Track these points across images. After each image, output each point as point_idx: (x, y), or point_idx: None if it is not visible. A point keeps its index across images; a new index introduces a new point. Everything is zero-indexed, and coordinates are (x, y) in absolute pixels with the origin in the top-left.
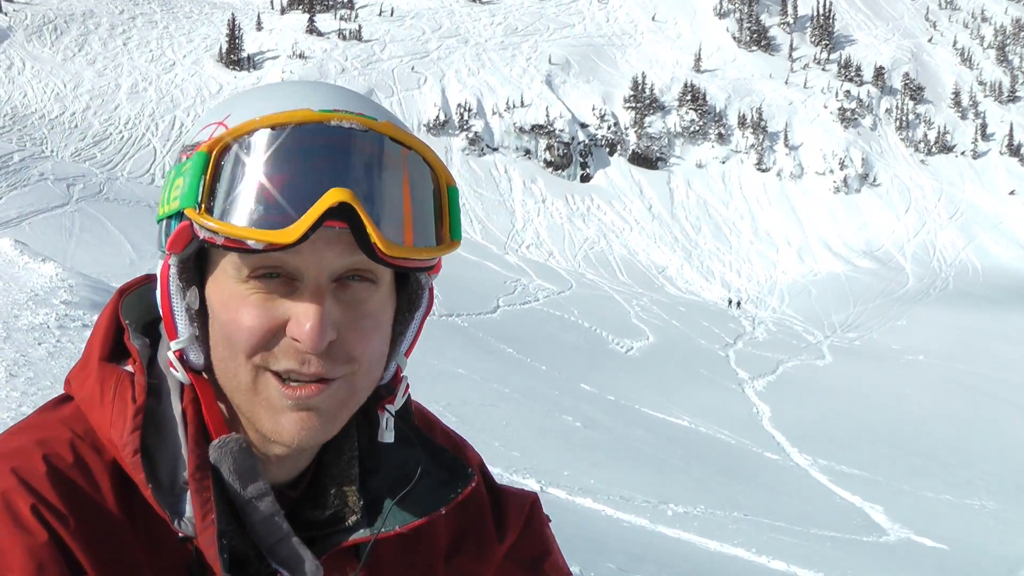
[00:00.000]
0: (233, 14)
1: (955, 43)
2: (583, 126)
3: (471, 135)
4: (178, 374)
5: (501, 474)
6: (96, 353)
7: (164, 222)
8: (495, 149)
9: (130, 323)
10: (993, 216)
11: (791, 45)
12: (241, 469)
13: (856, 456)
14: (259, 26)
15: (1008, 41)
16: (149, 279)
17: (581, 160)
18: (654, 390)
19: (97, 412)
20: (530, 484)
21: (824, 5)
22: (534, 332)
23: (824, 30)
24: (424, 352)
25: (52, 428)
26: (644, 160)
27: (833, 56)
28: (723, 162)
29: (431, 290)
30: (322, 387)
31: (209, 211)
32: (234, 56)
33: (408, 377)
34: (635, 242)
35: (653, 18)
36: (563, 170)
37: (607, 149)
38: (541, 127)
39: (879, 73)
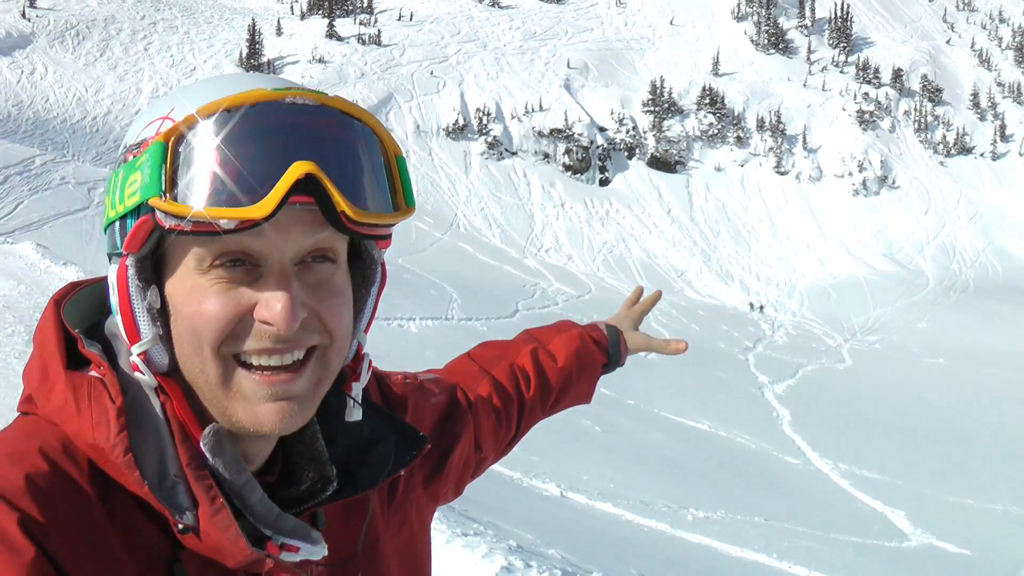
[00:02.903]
0: (253, 19)
1: (973, 44)
2: (602, 130)
3: (490, 139)
4: (144, 377)
5: (520, 478)
6: (55, 365)
7: (117, 224)
8: (514, 153)
9: (78, 332)
10: (1013, 217)
11: (809, 48)
12: (232, 457)
13: (877, 460)
14: (279, 31)
15: None
16: (78, 286)
17: (600, 164)
18: (673, 394)
19: (75, 421)
20: (549, 489)
21: (842, 7)
22: None
23: (842, 32)
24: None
25: (21, 442)
26: (663, 164)
27: (851, 58)
28: (742, 165)
29: (383, 265)
30: (296, 374)
31: (174, 198)
32: (254, 61)
33: (369, 354)
34: (654, 246)
35: (671, 22)
36: (582, 174)
37: (626, 153)
38: (560, 131)
39: (897, 75)
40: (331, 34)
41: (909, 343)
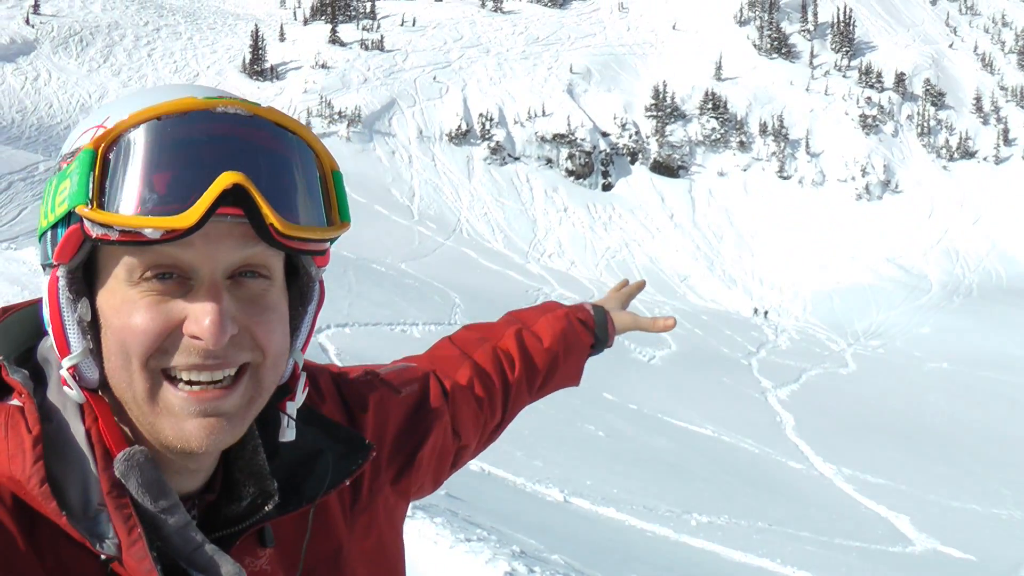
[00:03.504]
0: (256, 25)
1: (976, 48)
2: (604, 135)
3: (493, 144)
4: (72, 392)
5: (524, 484)
6: None
7: (48, 234)
8: (517, 158)
9: (4, 357)
10: (1016, 221)
11: (812, 52)
12: (148, 482)
13: (881, 465)
14: (282, 37)
15: None
16: (7, 311)
17: (603, 169)
18: (677, 399)
19: None
20: (553, 494)
21: (844, 12)
22: None
23: (845, 37)
24: None
25: None
26: (666, 169)
27: (854, 63)
28: (744, 170)
29: (321, 283)
30: (227, 391)
31: (101, 206)
32: (257, 67)
33: (305, 373)
34: (657, 251)
35: (674, 27)
36: (585, 179)
37: (628, 158)
38: (562, 136)
39: (900, 79)
40: (334, 39)
41: (912, 348)
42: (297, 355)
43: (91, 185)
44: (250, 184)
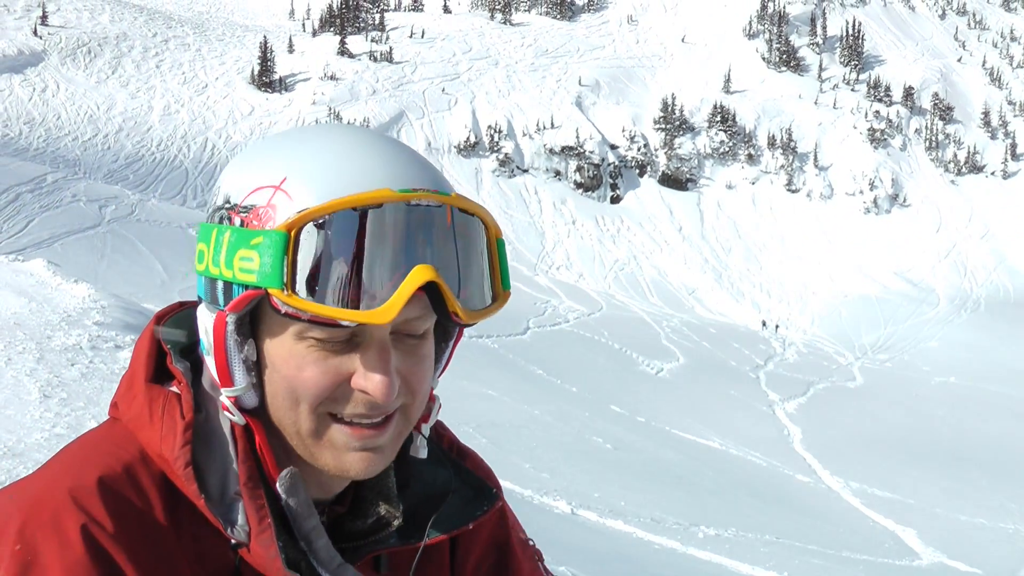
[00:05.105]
0: (265, 37)
1: (984, 63)
2: (613, 147)
3: (501, 156)
4: (235, 417)
5: (531, 496)
6: (140, 376)
7: (221, 283)
8: (525, 170)
9: (171, 347)
10: None
11: (820, 65)
12: (305, 502)
13: (888, 478)
14: (291, 48)
15: None
16: (184, 305)
17: (611, 181)
18: (684, 412)
19: (146, 430)
20: (560, 506)
21: (853, 25)
22: (564, 354)
23: (853, 50)
24: (454, 374)
25: (102, 445)
26: (674, 181)
27: (862, 76)
28: (753, 183)
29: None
30: (383, 429)
31: (294, 291)
32: (266, 78)
33: (439, 397)
34: (665, 263)
35: (683, 39)
36: (593, 191)
37: (637, 170)
38: (571, 148)
39: (908, 93)
40: (343, 51)
41: (920, 361)
42: (433, 382)
43: (285, 270)
44: (441, 280)
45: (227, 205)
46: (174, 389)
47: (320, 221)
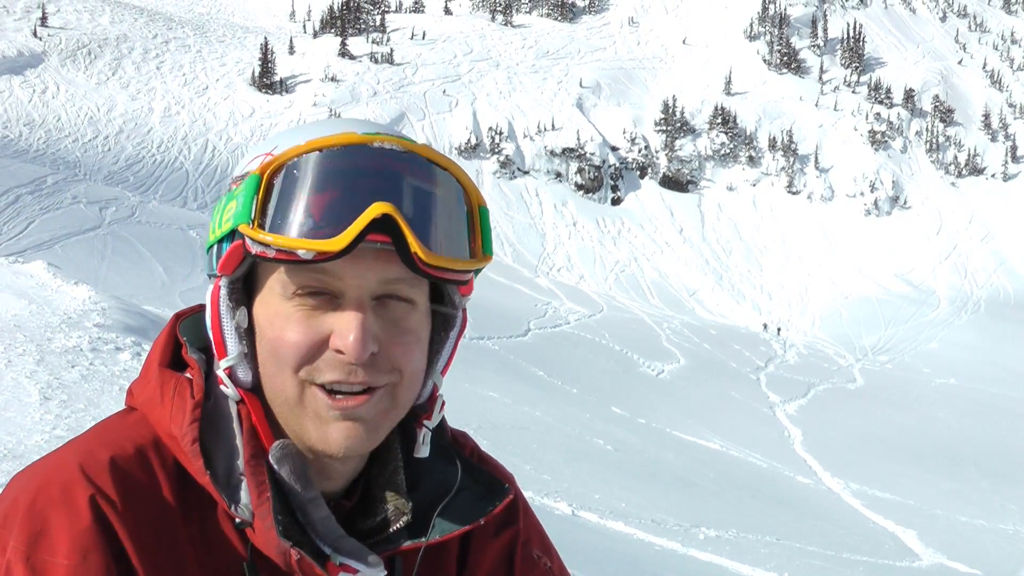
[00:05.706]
0: (266, 38)
1: (985, 65)
2: (614, 149)
3: (502, 158)
4: (229, 390)
5: (532, 497)
6: (155, 362)
7: (214, 247)
8: (526, 172)
9: (187, 339)
10: None
11: (821, 67)
12: (299, 472)
13: (888, 480)
14: (291, 50)
15: None
16: (204, 308)
17: (612, 183)
18: (685, 413)
19: (158, 410)
20: (561, 508)
21: (854, 27)
22: (565, 355)
23: (854, 52)
24: (456, 375)
25: (117, 430)
26: (675, 183)
27: (863, 78)
28: (754, 185)
29: (464, 311)
30: (366, 398)
31: (262, 226)
32: (267, 80)
33: (444, 395)
34: (666, 265)
35: (684, 41)
36: (594, 193)
37: (638, 172)
38: (572, 150)
39: (909, 95)
40: (344, 53)
41: (920, 363)
42: (437, 377)
43: (254, 207)
44: (398, 215)
45: (229, 181)
46: (187, 376)
47: (291, 163)
